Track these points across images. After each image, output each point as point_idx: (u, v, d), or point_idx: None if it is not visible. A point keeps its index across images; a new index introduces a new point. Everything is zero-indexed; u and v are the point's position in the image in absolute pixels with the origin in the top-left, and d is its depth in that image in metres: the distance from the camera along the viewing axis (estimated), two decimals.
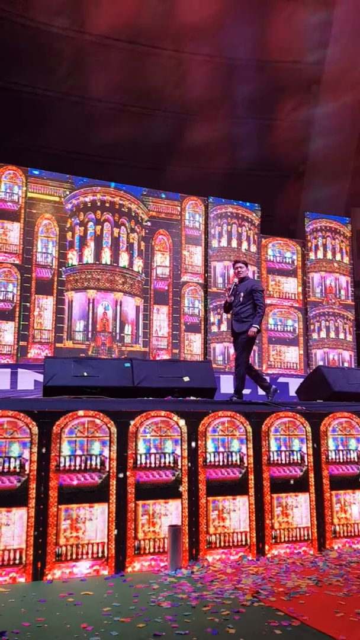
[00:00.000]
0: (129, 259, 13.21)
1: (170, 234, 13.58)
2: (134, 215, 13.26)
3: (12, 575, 4.39)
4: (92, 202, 12.84)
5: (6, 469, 4.54)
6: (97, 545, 4.66)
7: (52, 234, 12.45)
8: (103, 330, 12.70)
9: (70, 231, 12.66)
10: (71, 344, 12.47)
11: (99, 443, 4.88)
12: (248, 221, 14.02)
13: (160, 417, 5.12)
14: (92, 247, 12.83)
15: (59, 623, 3.51)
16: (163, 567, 4.75)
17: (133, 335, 13.05)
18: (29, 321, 11.89)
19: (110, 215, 13.01)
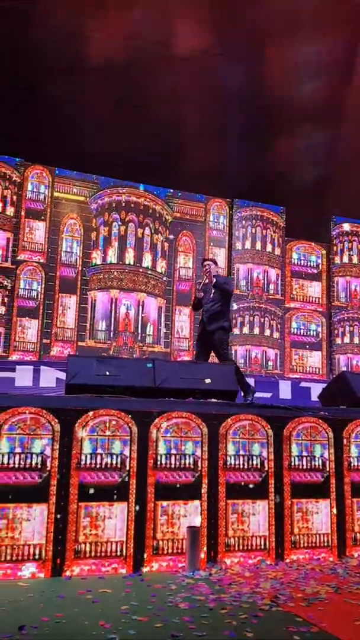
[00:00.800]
0: (152, 260, 13.25)
1: (194, 235, 13.59)
2: (158, 216, 13.31)
3: (31, 570, 4.43)
4: (117, 202, 12.92)
5: (28, 464, 4.58)
6: (116, 543, 4.68)
7: (76, 234, 12.55)
8: (125, 330, 12.75)
9: (94, 231, 12.74)
10: (93, 343, 12.55)
11: (120, 442, 4.90)
12: (273, 224, 13.96)
13: (182, 418, 5.12)
14: (116, 247, 12.90)
15: (77, 619, 3.53)
16: (181, 568, 4.75)
17: (155, 335, 13.08)
18: (52, 319, 12.00)
19: (135, 215, 13.06)
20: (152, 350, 13.06)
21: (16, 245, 11.70)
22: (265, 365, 13.20)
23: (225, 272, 13.61)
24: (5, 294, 11.42)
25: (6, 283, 11.35)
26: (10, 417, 4.63)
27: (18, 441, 4.61)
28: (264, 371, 13.07)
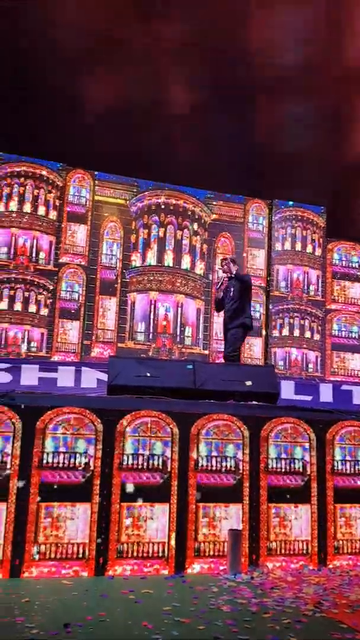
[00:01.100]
0: (191, 261, 13.26)
1: (233, 236, 13.55)
2: (197, 218, 13.32)
3: (75, 568, 4.49)
4: (157, 204, 12.99)
5: (72, 464, 4.65)
6: (158, 544, 4.70)
7: (117, 236, 12.67)
8: (164, 332, 12.80)
9: (134, 233, 12.84)
10: (132, 344, 12.64)
11: (161, 443, 4.93)
12: (313, 224, 13.80)
13: (223, 420, 5.11)
14: (155, 249, 12.97)
15: (121, 619, 3.56)
16: (222, 570, 4.75)
17: (193, 337, 13.09)
18: (92, 321, 12.14)
19: (174, 217, 13.11)
20: (190, 352, 13.07)
21: (58, 248, 11.89)
22: (306, 367, 13.05)
23: (265, 273, 13.53)
24: (48, 296, 11.62)
25: (49, 285, 11.56)
26: (55, 417, 4.71)
27: (62, 440, 4.69)
28: (304, 374, 12.93)
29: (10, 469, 4.53)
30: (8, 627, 3.34)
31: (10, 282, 11.49)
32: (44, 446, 4.65)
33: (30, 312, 11.56)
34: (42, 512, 4.54)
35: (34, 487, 4.56)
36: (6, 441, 4.58)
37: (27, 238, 11.74)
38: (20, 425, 4.63)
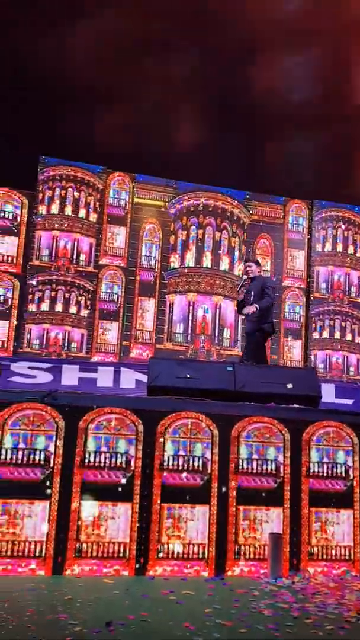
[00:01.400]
0: (229, 263, 13.24)
1: (273, 237, 13.46)
2: (235, 219, 13.29)
3: (115, 567, 4.53)
4: (195, 206, 13.02)
5: (113, 464, 4.69)
6: (198, 546, 4.70)
7: (155, 238, 12.75)
8: (202, 333, 12.81)
9: (173, 235, 12.90)
10: (171, 345, 12.70)
11: (202, 445, 4.92)
12: (355, 225, 13.58)
13: (263, 422, 5.08)
14: (193, 250, 12.99)
15: (162, 619, 3.57)
16: (263, 574, 4.71)
17: (231, 338, 13.06)
18: (132, 322, 12.25)
19: (213, 219, 13.12)
20: (229, 353, 13.04)
21: (98, 250, 12.03)
22: (347, 370, 12.86)
23: (305, 274, 13.39)
24: (88, 297, 11.77)
25: (89, 286, 11.71)
26: (97, 417, 4.76)
27: (104, 440, 4.74)
28: (345, 377, 12.74)
29: (53, 468, 4.60)
30: (52, 623, 3.39)
31: (52, 284, 11.68)
32: (86, 446, 4.70)
33: (71, 313, 11.74)
34: (84, 510, 4.59)
35: (75, 486, 4.62)
36: (49, 440, 4.66)
37: (68, 240, 11.92)
38: (63, 425, 4.69)
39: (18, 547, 4.47)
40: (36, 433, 4.66)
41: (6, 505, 4.51)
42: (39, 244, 11.84)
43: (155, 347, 12.50)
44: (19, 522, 4.50)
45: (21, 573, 4.41)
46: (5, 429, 4.62)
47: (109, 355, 11.91)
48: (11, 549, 4.45)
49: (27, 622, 3.39)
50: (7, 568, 4.40)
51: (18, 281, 11.64)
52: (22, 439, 4.64)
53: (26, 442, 4.64)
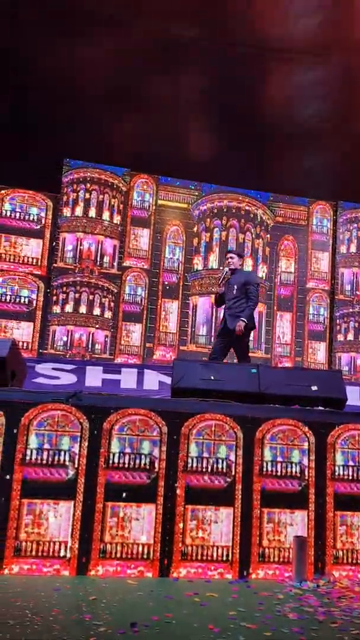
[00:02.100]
0: (253, 265, 13.18)
1: (297, 239, 13.38)
2: (259, 221, 13.24)
3: (140, 569, 4.54)
4: (219, 208, 13.00)
5: (137, 465, 4.71)
6: (222, 548, 4.69)
7: (179, 240, 12.77)
8: None
9: (196, 237, 12.90)
10: (194, 347, 12.69)
11: (226, 447, 4.91)
12: None
13: (288, 425, 5.05)
14: (217, 252, 12.97)
15: (187, 621, 3.57)
16: (287, 577, 4.68)
17: (255, 341, 13.00)
18: (155, 324, 12.27)
19: (236, 221, 13.08)
20: (252, 355, 12.96)
21: (122, 252, 12.10)
22: None
23: (329, 276, 13.27)
24: (112, 299, 11.84)
25: (113, 288, 11.77)
26: (121, 418, 4.78)
27: (128, 441, 4.76)
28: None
29: (78, 468, 4.63)
30: (77, 624, 3.41)
31: (76, 285, 11.77)
32: (110, 447, 4.72)
33: (95, 314, 11.81)
34: (108, 511, 4.61)
35: (100, 487, 4.64)
36: (74, 441, 4.69)
37: (92, 242, 12.01)
38: (88, 426, 4.73)
39: (42, 547, 4.51)
40: (61, 434, 4.70)
41: (31, 505, 4.55)
42: (63, 246, 11.95)
43: (179, 349, 12.50)
44: (43, 522, 4.54)
45: (45, 573, 4.45)
46: (30, 429, 4.66)
47: (132, 356, 11.96)
48: (36, 549, 4.50)
49: (52, 622, 3.41)
50: (32, 568, 4.44)
51: (42, 283, 11.76)
52: (47, 439, 4.69)
53: (51, 442, 4.68)
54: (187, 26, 11.54)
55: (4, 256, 11.62)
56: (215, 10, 11.30)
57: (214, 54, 11.99)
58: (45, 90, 11.31)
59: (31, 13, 10.79)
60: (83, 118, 11.67)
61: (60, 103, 11.43)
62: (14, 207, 11.76)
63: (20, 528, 4.49)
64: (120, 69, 11.79)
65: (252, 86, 12.62)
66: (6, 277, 11.61)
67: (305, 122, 13.21)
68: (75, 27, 11.08)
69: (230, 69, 12.01)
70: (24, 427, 4.65)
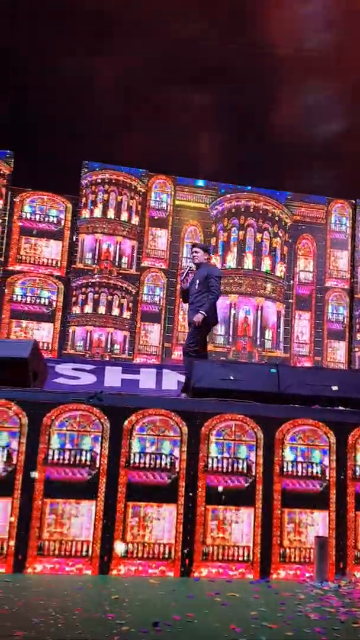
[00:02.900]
0: (271, 264, 13.15)
1: (315, 238, 13.32)
2: (277, 220, 13.19)
3: (161, 568, 4.57)
4: (236, 207, 12.98)
5: (158, 465, 4.73)
6: (243, 548, 4.70)
7: (197, 240, 12.77)
8: (244, 335, 12.76)
9: (214, 236, 12.90)
10: (212, 347, 12.67)
11: (246, 447, 4.92)
12: None
13: (308, 425, 5.03)
14: (234, 252, 12.96)
15: (208, 620, 3.59)
16: (308, 577, 4.67)
17: (274, 340, 12.97)
18: (173, 324, 12.30)
19: (254, 220, 13.06)
20: (271, 355, 12.96)
21: (140, 253, 12.15)
22: None
23: (348, 274, 13.19)
24: (130, 299, 11.89)
25: (131, 289, 11.83)
26: (141, 418, 4.82)
27: (148, 441, 4.78)
28: None
29: (99, 468, 4.67)
30: (100, 622, 3.45)
31: (95, 286, 11.85)
32: (130, 447, 4.76)
33: (114, 315, 11.87)
34: (130, 511, 4.64)
35: (121, 486, 4.67)
36: (95, 441, 4.73)
37: (110, 243, 12.08)
38: (109, 426, 4.76)
39: (65, 547, 4.55)
40: (82, 434, 4.74)
41: (54, 505, 4.60)
42: (82, 247, 12.03)
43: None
44: (65, 522, 4.59)
45: (68, 572, 4.50)
46: (52, 429, 4.72)
47: (151, 356, 12.00)
48: (58, 548, 4.55)
49: (75, 620, 3.45)
50: (54, 567, 4.49)
51: (62, 284, 11.86)
52: (69, 439, 4.73)
53: (73, 442, 4.73)
54: (204, 34, 11.56)
55: (25, 258, 11.74)
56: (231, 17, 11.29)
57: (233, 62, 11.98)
58: (65, 95, 11.41)
59: (55, 23, 10.93)
60: (101, 121, 11.75)
61: (79, 107, 11.53)
62: (34, 210, 11.88)
63: (43, 527, 4.54)
64: (139, 75, 11.86)
65: (270, 92, 12.59)
66: (27, 279, 11.73)
67: (323, 135, 13.15)
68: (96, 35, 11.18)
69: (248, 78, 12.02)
70: (45, 427, 4.70)
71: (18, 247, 11.78)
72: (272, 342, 13.04)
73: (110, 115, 11.89)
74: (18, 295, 11.68)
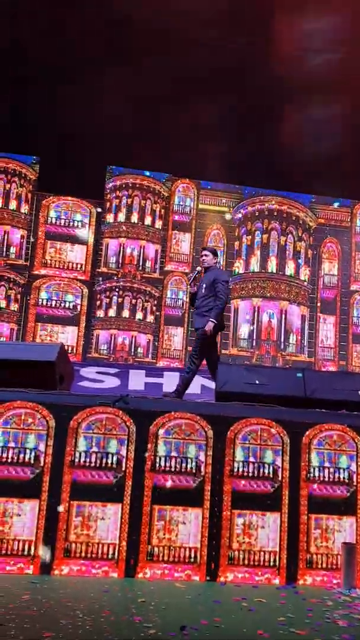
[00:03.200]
0: (295, 267, 13.09)
1: (340, 241, 13.21)
2: (301, 223, 13.12)
3: (187, 572, 4.56)
4: (260, 211, 12.95)
5: (183, 469, 4.73)
6: (269, 553, 4.66)
7: (220, 244, 12.78)
8: (267, 339, 12.70)
9: (237, 240, 12.88)
10: (236, 351, 12.66)
11: (272, 452, 4.89)
12: None
13: (335, 430, 4.99)
14: (258, 255, 12.92)
15: (235, 625, 3.57)
16: (335, 584, 4.62)
17: (298, 344, 12.89)
18: None
19: (278, 223, 13.01)
20: (295, 359, 12.88)
21: (164, 257, 12.18)
22: None
23: None
24: (154, 303, 11.93)
25: (155, 292, 11.85)
26: (167, 422, 4.82)
27: (174, 445, 4.79)
28: None
29: (125, 471, 4.69)
30: (128, 625, 3.46)
31: (119, 290, 11.91)
32: (156, 450, 4.76)
33: (137, 318, 11.92)
34: (155, 514, 4.65)
35: (147, 489, 4.68)
36: (121, 444, 4.75)
37: (134, 247, 12.14)
38: (134, 429, 4.78)
39: (92, 549, 4.57)
40: (109, 437, 4.76)
41: (80, 507, 4.63)
42: (106, 251, 12.11)
43: (221, 353, 12.49)
44: (92, 524, 4.61)
45: (94, 575, 4.51)
46: (79, 432, 4.75)
47: (174, 360, 12.02)
48: (85, 550, 4.57)
49: (103, 623, 3.46)
50: (81, 569, 4.52)
51: (86, 288, 11.95)
52: (95, 442, 4.76)
53: (99, 445, 4.75)
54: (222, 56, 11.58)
55: (50, 262, 11.86)
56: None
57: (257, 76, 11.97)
58: (92, 103, 11.53)
59: (85, 41, 11.09)
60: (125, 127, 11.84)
61: (103, 114, 11.64)
62: (59, 214, 12.00)
63: (70, 530, 4.57)
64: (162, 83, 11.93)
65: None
66: (52, 283, 11.83)
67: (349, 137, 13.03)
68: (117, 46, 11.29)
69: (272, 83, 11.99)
70: (72, 430, 4.74)
71: (43, 252, 11.91)
72: (296, 346, 12.98)
73: (134, 121, 11.98)
74: (43, 299, 11.80)
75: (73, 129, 11.74)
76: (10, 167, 11.77)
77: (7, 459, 4.64)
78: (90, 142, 11.77)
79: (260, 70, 11.64)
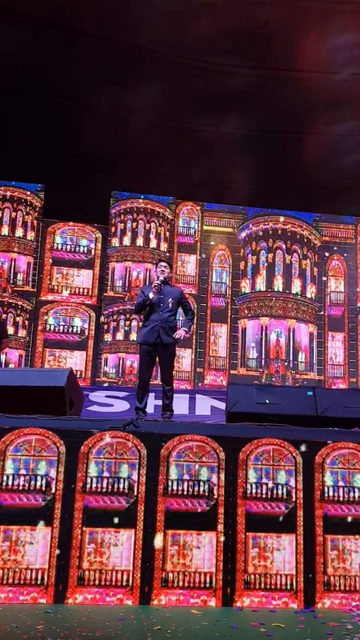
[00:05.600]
0: (301, 286, 13.08)
1: (345, 258, 13.22)
2: (306, 242, 13.16)
3: (203, 598, 4.49)
4: (264, 230, 13.01)
5: (196, 492, 4.68)
6: (286, 577, 4.59)
7: (225, 264, 12.82)
8: (276, 358, 12.65)
9: (242, 260, 12.92)
10: (245, 371, 12.61)
11: (285, 472, 4.84)
12: None
13: (349, 448, 4.94)
14: (264, 275, 12.94)
15: None
16: (354, 606, 4.53)
17: (307, 362, 12.82)
18: (205, 348, 12.28)
19: (282, 242, 13.05)
20: (305, 377, 12.80)
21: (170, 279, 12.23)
22: None
23: None
24: None
25: None
26: (178, 444, 4.79)
27: (186, 468, 4.75)
28: None
29: (138, 496, 4.65)
30: None
31: (126, 313, 11.94)
32: (168, 474, 4.72)
33: None
34: (169, 539, 4.59)
35: (159, 514, 4.64)
36: (132, 468, 4.72)
37: (140, 270, 12.20)
38: (145, 452, 4.75)
39: (105, 576, 4.52)
40: (119, 461, 4.74)
41: (93, 533, 4.58)
42: (113, 275, 12.18)
43: (229, 373, 12.45)
44: (105, 551, 4.56)
45: (109, 602, 4.45)
46: (90, 457, 4.72)
47: (183, 382, 11.97)
48: (99, 578, 4.51)
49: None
50: (95, 597, 4.46)
51: (93, 312, 11.99)
52: (106, 467, 4.73)
53: (110, 470, 4.72)
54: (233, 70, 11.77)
55: (57, 287, 11.93)
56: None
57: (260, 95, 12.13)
58: (96, 127, 11.69)
59: (88, 59, 11.28)
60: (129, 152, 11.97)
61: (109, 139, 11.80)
62: (64, 240, 12.11)
63: (83, 557, 4.52)
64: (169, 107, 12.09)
65: None
66: (59, 308, 11.89)
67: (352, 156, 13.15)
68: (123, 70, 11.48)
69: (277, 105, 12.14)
70: (83, 456, 4.71)
71: (50, 277, 12.00)
72: (305, 364, 12.90)
73: (138, 145, 12.11)
74: (51, 325, 11.84)
75: (78, 156, 11.87)
76: (16, 195, 11.93)
77: (18, 486, 4.62)
78: (95, 169, 11.90)
79: (271, 94, 11.78)
